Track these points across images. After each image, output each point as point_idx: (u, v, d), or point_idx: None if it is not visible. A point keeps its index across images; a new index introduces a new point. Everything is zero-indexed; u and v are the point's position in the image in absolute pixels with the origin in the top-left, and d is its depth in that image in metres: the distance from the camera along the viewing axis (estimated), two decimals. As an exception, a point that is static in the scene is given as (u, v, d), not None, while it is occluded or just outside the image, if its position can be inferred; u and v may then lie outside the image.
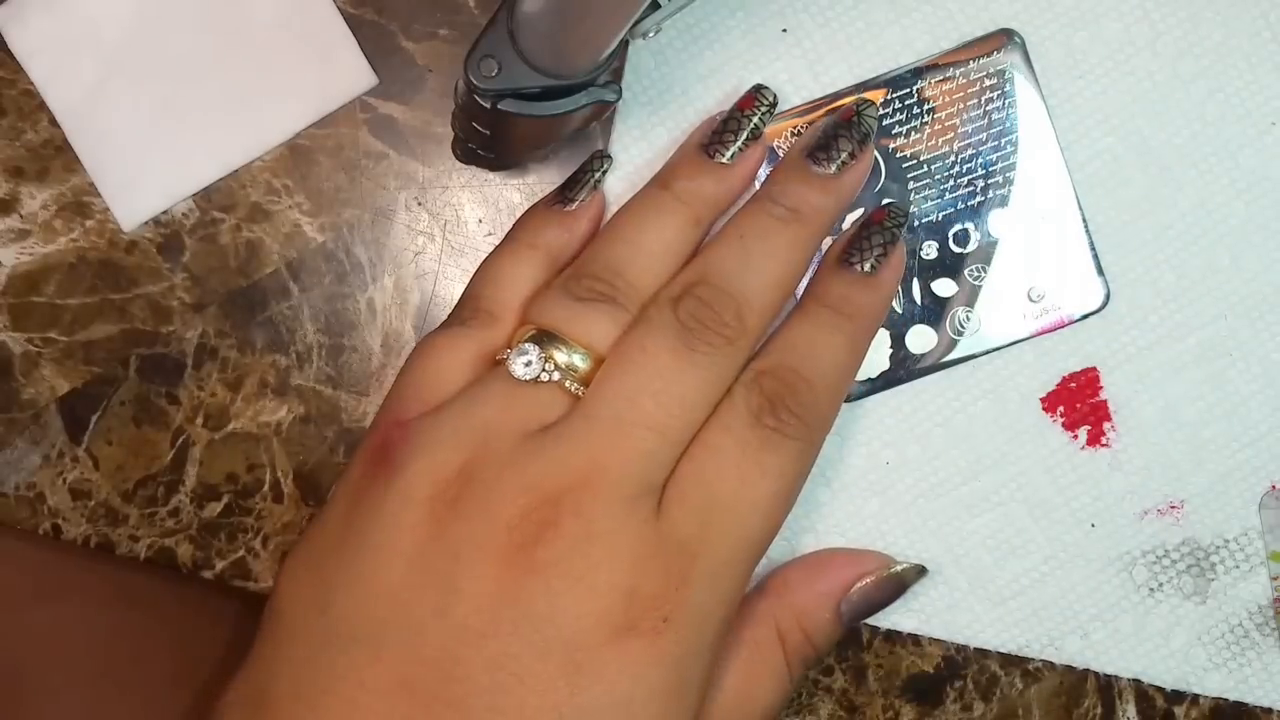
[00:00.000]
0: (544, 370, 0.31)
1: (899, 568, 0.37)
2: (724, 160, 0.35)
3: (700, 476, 0.31)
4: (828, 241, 0.37)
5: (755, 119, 0.36)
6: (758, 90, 0.36)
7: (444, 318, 0.41)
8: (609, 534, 0.29)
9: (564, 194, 0.36)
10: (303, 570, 0.31)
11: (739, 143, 0.35)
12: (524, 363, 0.31)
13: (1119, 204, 0.39)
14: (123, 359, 0.41)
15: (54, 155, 0.40)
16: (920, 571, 0.37)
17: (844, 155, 0.35)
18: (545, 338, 0.32)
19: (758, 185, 0.37)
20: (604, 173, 0.37)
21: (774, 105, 0.36)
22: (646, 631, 0.29)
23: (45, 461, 0.41)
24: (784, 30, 0.39)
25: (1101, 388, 0.39)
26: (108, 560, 0.41)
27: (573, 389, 0.31)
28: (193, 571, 0.41)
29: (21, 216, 0.41)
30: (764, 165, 0.38)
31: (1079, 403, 0.39)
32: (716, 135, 0.35)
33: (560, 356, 0.31)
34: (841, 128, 0.35)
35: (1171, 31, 0.38)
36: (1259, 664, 0.39)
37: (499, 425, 0.30)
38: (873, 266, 0.34)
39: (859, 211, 0.38)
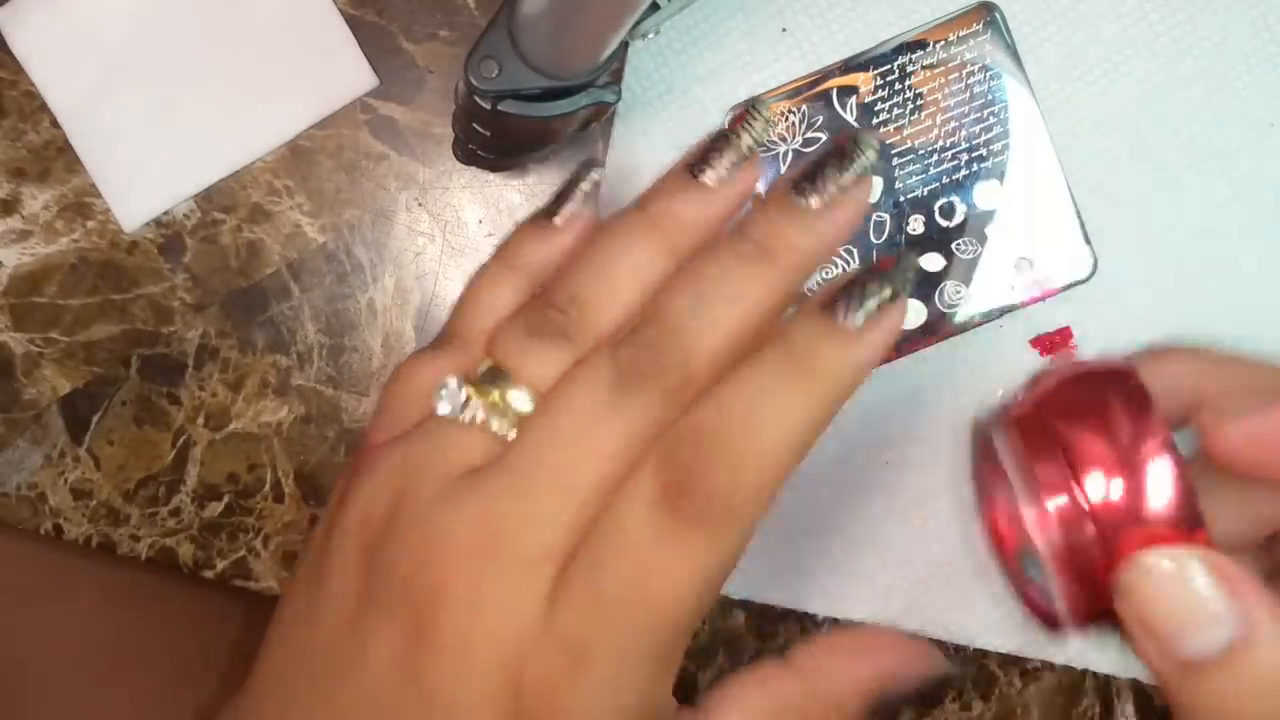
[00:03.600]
0: (465, 410, 0.29)
1: (945, 669, 0.32)
2: (707, 181, 0.31)
3: (591, 569, 0.27)
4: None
5: (747, 137, 0.32)
6: (752, 105, 0.33)
7: (444, 318, 0.41)
8: (496, 610, 0.27)
9: (550, 208, 0.34)
10: (284, 597, 0.31)
11: (725, 163, 0.31)
12: (447, 401, 0.29)
13: (1118, 205, 0.39)
14: (124, 359, 0.41)
15: (55, 156, 0.40)
16: (964, 664, 0.34)
17: (831, 188, 0.30)
18: (498, 374, 0.29)
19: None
20: (593, 184, 0.34)
21: (770, 122, 0.33)
22: None
23: (47, 461, 0.41)
24: (784, 30, 0.39)
25: (1101, 388, 0.39)
26: (109, 560, 0.41)
27: (500, 432, 0.29)
28: (193, 571, 0.41)
29: (23, 217, 0.41)
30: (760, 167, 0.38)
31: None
32: (702, 154, 0.31)
33: (493, 396, 0.29)
34: (832, 156, 0.30)
35: (1170, 33, 0.39)
36: (1258, 664, 0.39)
37: (426, 467, 0.28)
38: (862, 320, 0.28)
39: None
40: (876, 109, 0.39)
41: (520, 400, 0.29)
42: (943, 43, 0.38)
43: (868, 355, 0.28)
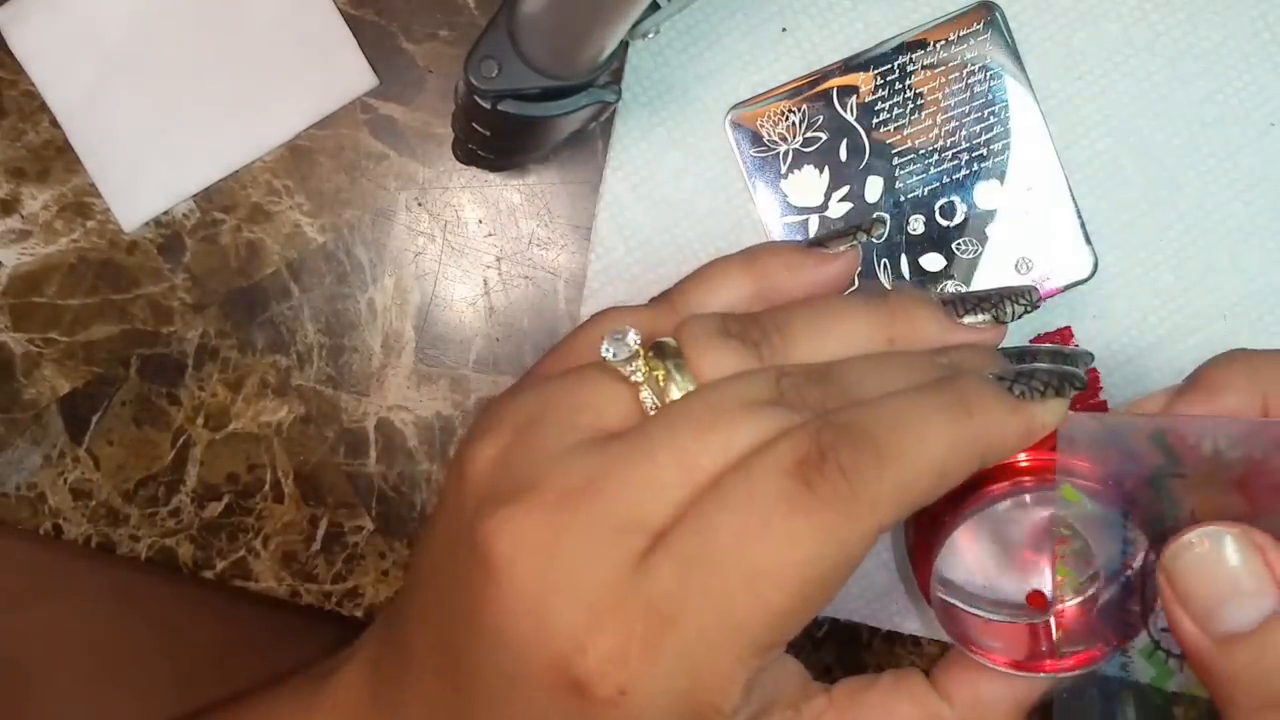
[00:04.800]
0: (627, 364, 0.28)
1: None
2: (964, 320, 0.31)
3: (700, 524, 0.25)
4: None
5: (1011, 309, 0.31)
6: (1030, 291, 0.32)
7: (444, 318, 0.41)
8: (573, 565, 0.25)
9: (822, 239, 0.33)
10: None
11: (985, 316, 0.31)
12: (614, 347, 0.28)
13: (1118, 205, 0.39)
14: (123, 359, 0.41)
15: (55, 156, 0.40)
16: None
17: (1039, 389, 0.29)
18: (673, 353, 0.28)
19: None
20: (870, 237, 0.33)
21: (1035, 307, 0.32)
22: (600, 702, 0.25)
23: (46, 461, 0.41)
24: (784, 30, 0.39)
25: (1101, 388, 0.39)
26: (108, 560, 0.41)
27: (645, 404, 0.28)
28: (193, 571, 0.41)
29: (23, 217, 0.41)
30: (751, 148, 0.38)
31: (1078, 404, 0.39)
32: (975, 298, 0.31)
33: (659, 369, 0.28)
34: (1055, 356, 0.31)
35: (1170, 33, 0.39)
36: (1258, 664, 0.39)
37: (558, 409, 0.28)
38: (1028, 395, 0.28)
39: (845, 189, 0.38)
40: (876, 109, 0.39)
41: (680, 385, 0.28)
42: (943, 42, 0.38)
43: (1021, 425, 0.28)
